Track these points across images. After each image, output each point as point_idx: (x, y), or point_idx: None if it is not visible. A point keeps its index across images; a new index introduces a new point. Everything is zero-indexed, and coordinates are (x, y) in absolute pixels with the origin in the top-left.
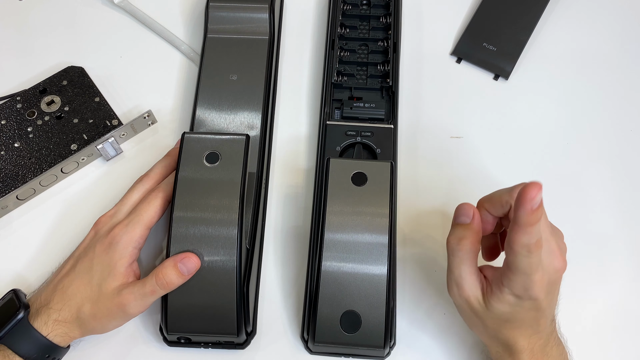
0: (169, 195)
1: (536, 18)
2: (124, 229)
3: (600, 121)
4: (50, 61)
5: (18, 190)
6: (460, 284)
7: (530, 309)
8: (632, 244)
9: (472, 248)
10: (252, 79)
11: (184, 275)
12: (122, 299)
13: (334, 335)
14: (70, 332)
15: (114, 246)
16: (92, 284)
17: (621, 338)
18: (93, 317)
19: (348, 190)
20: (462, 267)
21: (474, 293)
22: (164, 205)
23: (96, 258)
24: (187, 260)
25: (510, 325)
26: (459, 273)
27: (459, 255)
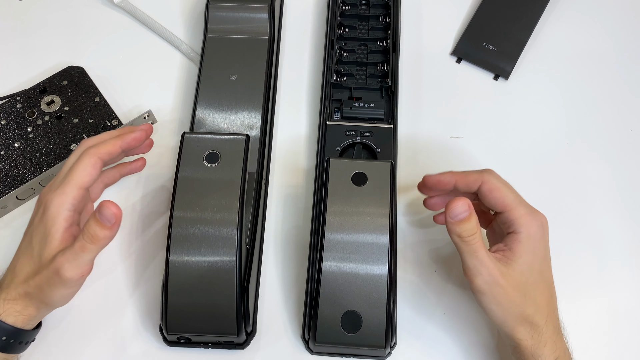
0: (104, 154)
1: (536, 18)
2: (55, 193)
3: (600, 121)
4: (50, 61)
5: (18, 190)
6: (487, 265)
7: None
8: (632, 243)
9: (479, 234)
10: (252, 79)
11: (106, 226)
12: (57, 263)
13: (334, 335)
14: (24, 310)
15: (46, 213)
16: (34, 256)
17: (621, 338)
18: (39, 289)
19: (348, 190)
20: (481, 252)
21: (498, 267)
22: (96, 163)
23: (34, 230)
24: (104, 208)
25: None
26: (481, 257)
27: (475, 243)
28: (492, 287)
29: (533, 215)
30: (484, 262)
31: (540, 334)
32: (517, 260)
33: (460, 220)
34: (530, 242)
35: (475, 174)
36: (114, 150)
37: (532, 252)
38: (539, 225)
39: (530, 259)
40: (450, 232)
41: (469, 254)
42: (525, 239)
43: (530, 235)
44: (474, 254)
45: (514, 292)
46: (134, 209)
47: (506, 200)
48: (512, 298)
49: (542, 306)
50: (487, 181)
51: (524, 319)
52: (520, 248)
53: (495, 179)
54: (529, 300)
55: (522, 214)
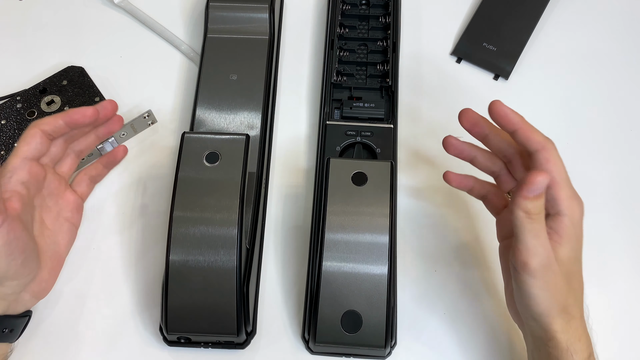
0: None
1: (536, 18)
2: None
3: (600, 121)
4: (50, 61)
5: None
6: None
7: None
8: (632, 244)
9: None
10: (252, 78)
11: None
12: None
13: (334, 335)
14: None
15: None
16: None
17: (621, 338)
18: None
19: (348, 190)
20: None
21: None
22: (37, 134)
23: None
24: None
25: (573, 280)
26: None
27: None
28: (546, 270)
29: (577, 199)
30: (544, 243)
31: (576, 328)
32: (564, 246)
33: (537, 195)
34: (574, 228)
35: (541, 136)
36: (54, 122)
37: (577, 238)
38: (582, 210)
39: (575, 245)
40: (516, 207)
41: (532, 232)
42: (571, 223)
43: (574, 219)
44: (537, 233)
45: (562, 279)
46: (133, 209)
47: (557, 175)
48: (560, 285)
49: (580, 298)
50: (547, 149)
51: (564, 309)
52: (568, 233)
53: (555, 151)
54: (571, 290)
55: (569, 194)
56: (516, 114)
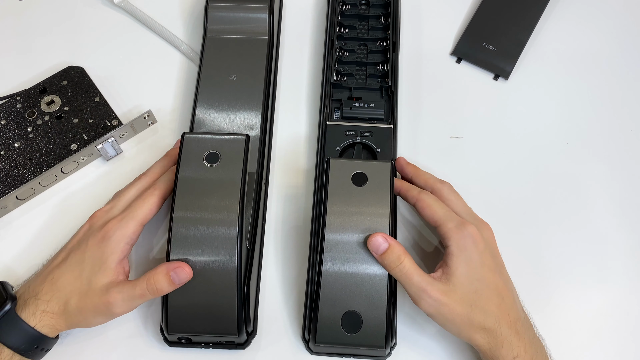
0: (165, 193)
1: (536, 18)
2: (118, 224)
3: (600, 121)
4: (50, 61)
5: (18, 190)
6: (423, 288)
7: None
8: (632, 244)
9: (409, 259)
10: (252, 79)
11: (174, 284)
12: (110, 297)
13: (335, 335)
14: (57, 324)
15: (106, 241)
16: (82, 278)
17: (621, 338)
18: (79, 311)
19: (348, 191)
20: (415, 277)
21: (437, 286)
22: (159, 203)
23: (88, 251)
24: (180, 270)
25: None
26: (417, 281)
27: (406, 270)
28: (438, 307)
29: (460, 227)
30: (420, 286)
31: (495, 337)
32: (454, 274)
33: (383, 254)
34: (461, 254)
35: (414, 192)
36: (172, 187)
37: (466, 262)
38: (467, 235)
39: (466, 270)
40: (384, 267)
41: (405, 282)
42: (457, 251)
43: (459, 246)
44: (409, 281)
45: (459, 307)
46: None
47: (435, 216)
48: (458, 312)
49: (491, 311)
50: (420, 199)
51: (476, 326)
52: (454, 261)
53: (429, 197)
54: (475, 309)
55: (449, 228)
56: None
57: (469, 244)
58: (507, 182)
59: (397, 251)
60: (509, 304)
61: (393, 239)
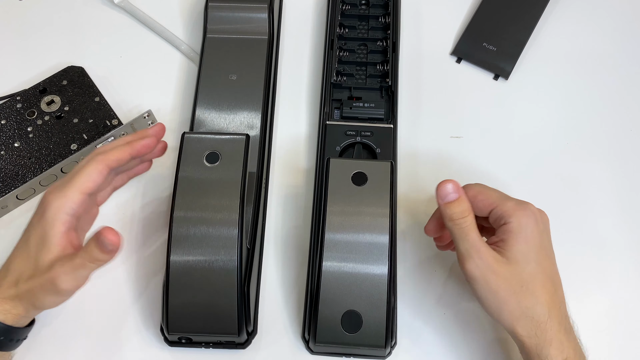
0: (112, 161)
1: (536, 18)
2: (55, 194)
3: (600, 121)
4: (50, 61)
5: (18, 190)
6: (478, 248)
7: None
8: (632, 243)
9: (472, 216)
10: (252, 78)
11: (105, 250)
12: (53, 272)
13: (335, 335)
14: (13, 309)
15: (45, 214)
16: (30, 258)
17: (621, 338)
18: (29, 293)
19: (348, 190)
20: (473, 234)
21: (492, 253)
22: (103, 169)
23: (32, 229)
24: (102, 237)
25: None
26: (472, 238)
27: (468, 223)
28: (485, 273)
29: (522, 206)
30: (475, 245)
31: (543, 331)
32: (510, 249)
33: (450, 202)
34: (522, 231)
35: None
36: (122, 157)
37: (525, 240)
38: (530, 213)
39: (524, 248)
40: (443, 217)
41: (460, 237)
42: (517, 228)
43: (521, 223)
44: (465, 237)
45: (508, 281)
46: (134, 209)
47: (490, 199)
48: (507, 287)
49: (543, 299)
50: (470, 188)
51: (522, 312)
52: (512, 237)
53: (478, 184)
54: (526, 291)
55: (509, 206)
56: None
57: (531, 222)
58: (507, 182)
59: (464, 205)
60: (561, 297)
61: (463, 192)
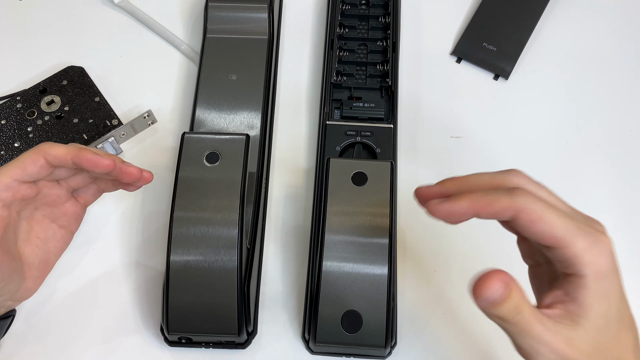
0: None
1: (536, 18)
2: None
3: (600, 121)
4: (50, 61)
5: None
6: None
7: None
8: (632, 243)
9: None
10: (252, 78)
11: None
12: None
13: (335, 335)
14: None
15: None
16: None
17: None
18: None
19: (348, 190)
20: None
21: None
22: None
23: None
24: None
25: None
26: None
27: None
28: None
29: (598, 246)
30: (542, 339)
31: None
32: (587, 316)
33: (496, 302)
34: (601, 286)
35: (505, 199)
36: (61, 156)
37: (606, 297)
38: (608, 256)
39: (605, 308)
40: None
41: (519, 334)
42: (594, 283)
43: (599, 275)
44: (526, 333)
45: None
46: (134, 209)
47: (557, 232)
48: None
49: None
50: (524, 210)
51: None
52: (590, 297)
53: (534, 202)
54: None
55: (583, 248)
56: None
57: (611, 269)
58: None
59: (518, 295)
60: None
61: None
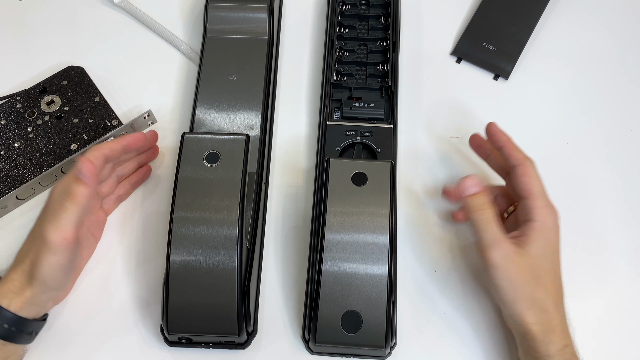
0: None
1: (536, 18)
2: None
3: (600, 121)
4: (50, 61)
5: (18, 190)
6: (498, 238)
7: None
8: (632, 243)
9: (493, 209)
10: (252, 79)
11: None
12: (41, 229)
13: (334, 335)
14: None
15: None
16: (35, 238)
17: (622, 339)
18: (32, 264)
19: (348, 190)
20: (493, 225)
21: (511, 245)
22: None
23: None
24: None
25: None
26: (493, 229)
27: (488, 215)
28: (507, 262)
29: (550, 209)
30: (497, 236)
31: (549, 320)
32: (530, 245)
33: (472, 195)
34: (544, 231)
35: (521, 154)
36: (115, 147)
37: (545, 240)
38: (555, 219)
39: (543, 246)
40: (465, 210)
41: (482, 228)
42: (540, 227)
43: (545, 225)
44: (487, 227)
45: (526, 272)
46: (134, 209)
47: (533, 188)
48: (524, 277)
49: (552, 293)
50: (525, 165)
51: (534, 301)
52: (535, 235)
53: (532, 167)
54: (540, 284)
55: (540, 204)
56: (504, 135)
57: (554, 226)
58: None
59: (485, 198)
60: (563, 296)
61: (485, 188)
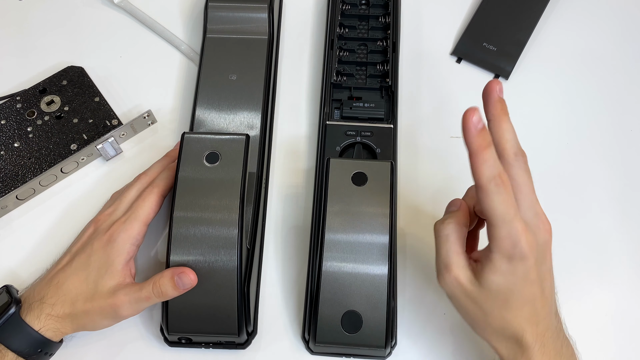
0: (164, 191)
1: (536, 18)
2: (122, 226)
3: (600, 121)
4: (50, 61)
5: (18, 190)
6: (448, 264)
7: (526, 279)
8: (632, 244)
9: (456, 227)
10: (252, 78)
11: (178, 289)
12: (117, 299)
13: (335, 335)
14: (62, 328)
15: (112, 243)
16: (89, 281)
17: (622, 339)
18: (85, 314)
19: (348, 190)
20: (448, 246)
21: (464, 272)
22: (159, 200)
23: (94, 255)
24: (184, 275)
25: (510, 306)
26: (445, 252)
27: (444, 234)
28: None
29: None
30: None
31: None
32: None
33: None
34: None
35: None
36: (171, 184)
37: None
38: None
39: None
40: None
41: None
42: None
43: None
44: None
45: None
46: None
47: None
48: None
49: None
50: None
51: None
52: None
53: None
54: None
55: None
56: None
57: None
58: None
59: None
60: (542, 315)
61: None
